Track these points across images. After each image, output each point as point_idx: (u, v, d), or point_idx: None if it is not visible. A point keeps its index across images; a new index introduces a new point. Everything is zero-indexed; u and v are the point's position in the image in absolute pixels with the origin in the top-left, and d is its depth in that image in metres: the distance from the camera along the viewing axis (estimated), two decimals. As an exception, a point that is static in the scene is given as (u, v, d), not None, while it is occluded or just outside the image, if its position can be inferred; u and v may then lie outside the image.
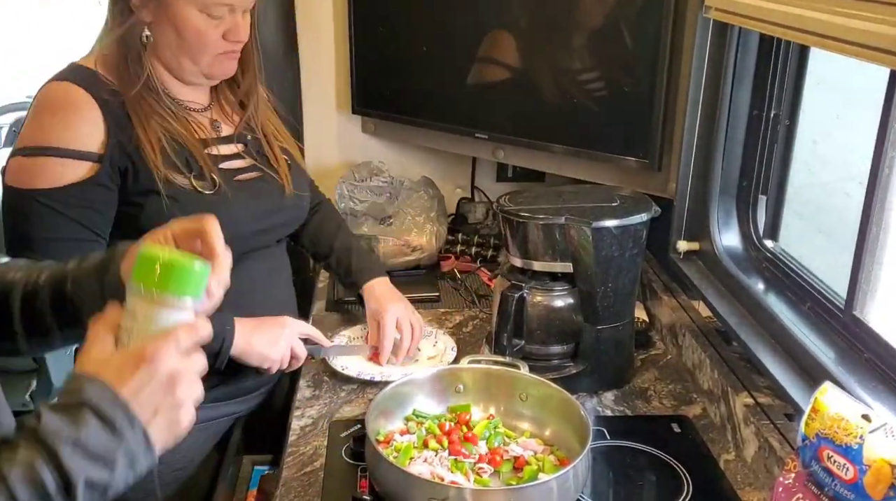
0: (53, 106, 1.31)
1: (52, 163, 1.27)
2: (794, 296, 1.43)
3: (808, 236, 1.48)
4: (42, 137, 1.28)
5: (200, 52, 1.35)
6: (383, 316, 1.56)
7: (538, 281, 1.51)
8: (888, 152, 1.15)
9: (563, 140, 1.87)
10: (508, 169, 2.33)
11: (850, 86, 1.37)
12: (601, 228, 1.42)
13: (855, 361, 1.21)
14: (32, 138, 1.29)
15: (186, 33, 1.32)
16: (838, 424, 0.95)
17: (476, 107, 2.03)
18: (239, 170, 1.45)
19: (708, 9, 1.51)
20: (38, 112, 1.32)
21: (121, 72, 1.34)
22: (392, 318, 1.56)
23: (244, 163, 1.47)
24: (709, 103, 1.60)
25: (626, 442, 1.36)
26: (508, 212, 1.49)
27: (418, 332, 1.59)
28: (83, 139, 1.28)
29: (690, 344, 1.58)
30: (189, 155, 1.37)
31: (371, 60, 2.15)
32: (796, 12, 1.18)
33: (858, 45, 1.02)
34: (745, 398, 1.34)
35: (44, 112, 1.31)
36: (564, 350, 1.54)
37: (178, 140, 1.36)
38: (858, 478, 0.92)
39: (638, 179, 1.77)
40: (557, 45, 1.86)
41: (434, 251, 2.05)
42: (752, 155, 1.58)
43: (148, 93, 1.35)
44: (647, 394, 1.53)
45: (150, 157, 1.31)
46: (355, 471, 1.26)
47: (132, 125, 1.31)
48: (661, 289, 1.79)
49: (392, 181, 2.19)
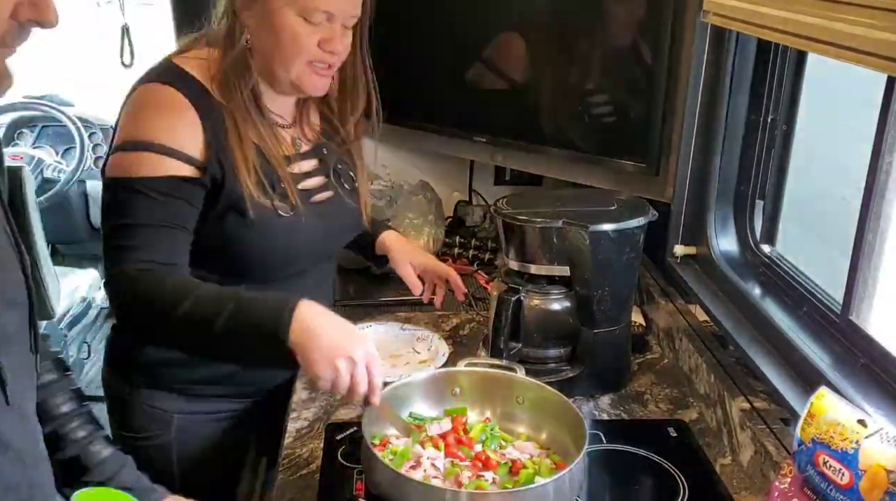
0: (156, 107, 1.29)
1: (154, 157, 1.26)
2: (791, 301, 1.43)
3: (805, 241, 1.48)
4: (144, 134, 1.27)
5: (294, 56, 1.31)
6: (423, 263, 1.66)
7: (535, 285, 1.51)
8: (885, 157, 1.15)
9: (561, 144, 1.87)
10: (506, 172, 2.33)
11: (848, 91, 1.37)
12: (598, 232, 1.42)
13: (851, 366, 1.21)
14: (133, 134, 1.28)
15: (283, 36, 1.29)
16: (834, 429, 0.95)
17: (474, 110, 2.03)
18: (315, 189, 1.44)
19: (706, 14, 1.51)
20: (138, 111, 1.30)
21: (226, 78, 1.31)
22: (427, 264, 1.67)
23: (320, 182, 1.45)
24: (707, 108, 1.61)
25: (623, 446, 1.35)
26: (506, 216, 1.49)
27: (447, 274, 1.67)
28: (185, 142, 1.27)
29: (687, 348, 1.58)
30: (274, 173, 1.34)
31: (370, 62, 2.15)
32: (794, 18, 1.19)
33: (856, 50, 1.02)
34: (742, 402, 1.34)
35: (144, 112, 1.30)
36: (561, 353, 1.54)
37: (265, 156, 1.34)
38: (854, 483, 0.92)
39: (635, 183, 1.77)
40: (556, 49, 1.86)
41: (431, 254, 2.05)
42: (749, 160, 1.59)
43: (248, 103, 1.33)
44: (644, 398, 1.53)
45: (244, 176, 1.29)
46: (351, 474, 1.26)
47: (227, 138, 1.30)
48: (658, 293, 1.79)
49: (391, 185, 2.19)
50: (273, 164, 1.34)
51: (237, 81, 1.31)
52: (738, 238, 1.64)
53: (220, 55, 1.32)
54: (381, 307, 1.90)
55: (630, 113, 1.73)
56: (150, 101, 1.30)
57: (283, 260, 1.40)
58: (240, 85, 1.31)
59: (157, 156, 1.26)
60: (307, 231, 1.38)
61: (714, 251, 1.63)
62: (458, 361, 1.44)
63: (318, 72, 1.33)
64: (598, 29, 1.78)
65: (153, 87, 1.30)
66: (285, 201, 1.34)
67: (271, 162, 1.34)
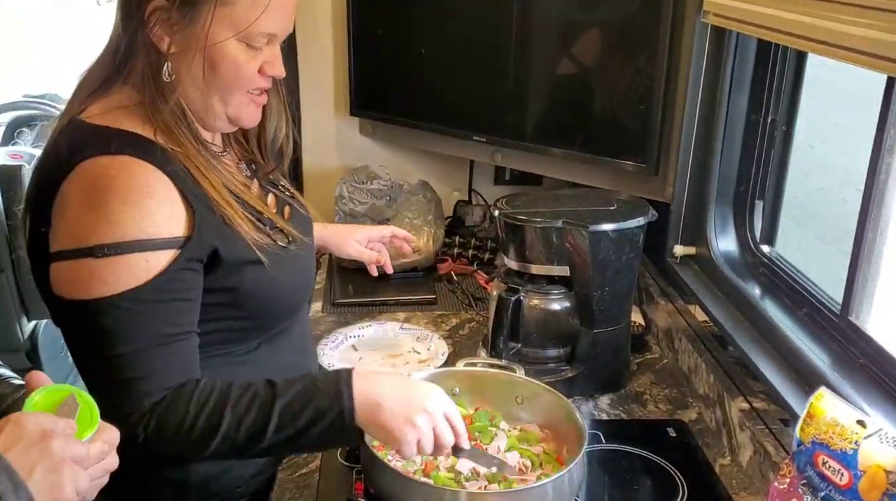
0: (118, 189, 1.02)
1: (137, 259, 1.01)
2: (790, 301, 1.43)
3: (805, 241, 1.48)
4: (116, 232, 1.01)
5: (234, 88, 1.11)
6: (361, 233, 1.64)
7: (535, 285, 1.51)
8: (885, 158, 1.15)
9: (560, 143, 1.87)
10: (506, 172, 2.33)
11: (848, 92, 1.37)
12: (598, 232, 1.43)
13: (850, 366, 1.21)
14: (101, 235, 1.00)
15: (222, 66, 1.08)
16: (833, 429, 0.95)
17: (474, 110, 2.03)
18: (277, 209, 1.25)
19: (706, 14, 1.51)
20: (94, 199, 1.01)
21: (161, 122, 1.08)
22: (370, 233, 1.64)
23: (274, 201, 1.26)
24: (706, 108, 1.61)
25: (622, 446, 1.36)
26: (506, 216, 1.49)
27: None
28: (165, 223, 1.03)
29: (686, 348, 1.58)
30: (253, 209, 1.15)
31: (370, 62, 2.15)
32: (794, 18, 1.19)
33: (856, 51, 1.02)
34: (741, 403, 1.34)
35: (106, 198, 1.01)
36: (560, 353, 1.54)
37: (237, 194, 1.13)
38: (853, 484, 0.92)
39: (635, 183, 1.77)
40: (556, 49, 1.86)
41: (431, 254, 2.05)
42: (749, 160, 1.59)
43: (196, 142, 1.11)
44: (643, 398, 1.53)
45: (238, 223, 1.09)
46: (350, 473, 1.26)
47: (203, 189, 1.08)
48: (658, 294, 1.79)
49: (391, 184, 2.19)
50: (245, 198, 1.15)
51: (177, 118, 1.10)
52: (737, 238, 1.64)
53: (149, 99, 1.08)
54: (381, 307, 1.90)
55: (630, 113, 1.73)
56: (108, 183, 1.02)
57: (303, 296, 1.28)
58: (183, 126, 1.10)
59: (143, 255, 1.01)
60: (308, 254, 1.25)
61: (714, 251, 1.63)
62: (457, 361, 1.44)
63: (255, 100, 1.15)
64: (598, 29, 1.78)
65: (102, 162, 1.03)
66: (279, 232, 1.17)
67: (242, 197, 1.14)
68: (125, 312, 1.01)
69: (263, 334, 1.19)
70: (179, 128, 1.09)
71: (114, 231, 1.01)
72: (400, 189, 2.17)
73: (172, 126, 1.09)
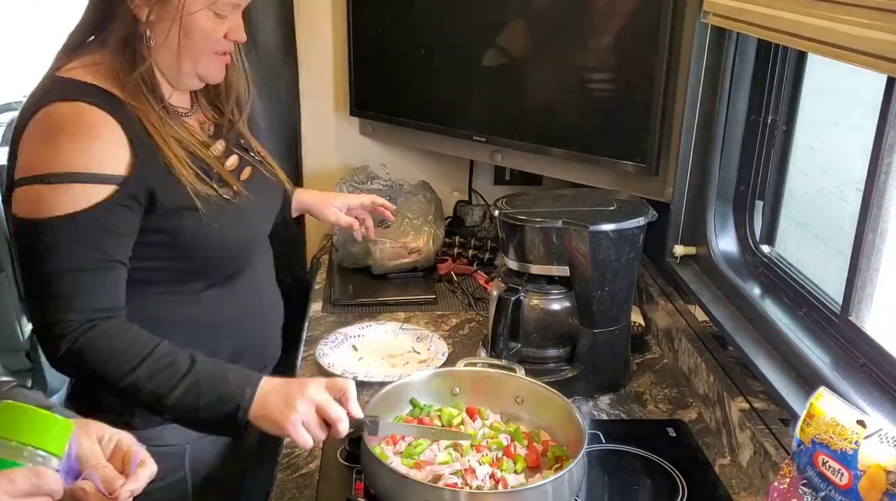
0: (72, 129, 1.18)
1: (79, 189, 1.16)
2: (790, 301, 1.43)
3: (805, 241, 1.48)
4: (63, 163, 1.16)
5: (203, 52, 1.28)
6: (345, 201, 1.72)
7: (535, 285, 1.51)
8: (884, 158, 1.15)
9: (560, 144, 1.87)
10: (506, 172, 2.33)
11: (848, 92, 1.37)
12: (598, 232, 1.43)
13: (850, 366, 1.21)
14: (50, 164, 1.17)
15: (195, 34, 1.24)
16: (833, 429, 0.95)
17: (474, 110, 2.03)
18: (237, 169, 1.39)
19: (706, 14, 1.51)
20: (49, 137, 1.19)
21: (128, 82, 1.23)
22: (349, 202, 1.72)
23: (236, 160, 1.39)
24: (706, 108, 1.61)
25: (622, 446, 1.36)
26: (506, 216, 1.49)
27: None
28: (111, 162, 1.18)
29: (686, 348, 1.58)
30: (202, 163, 1.29)
31: (369, 62, 2.15)
32: (794, 18, 1.19)
33: (856, 51, 1.02)
34: (741, 403, 1.34)
35: (59, 136, 1.18)
36: (560, 353, 1.54)
37: (190, 149, 1.28)
38: (853, 484, 0.92)
39: (635, 183, 1.77)
40: (556, 49, 1.86)
41: (431, 254, 2.05)
42: (749, 160, 1.59)
43: (156, 102, 1.26)
44: (643, 398, 1.53)
45: (180, 172, 1.23)
46: (350, 473, 1.26)
47: (153, 140, 1.23)
48: (658, 294, 1.79)
49: (391, 184, 2.19)
50: (199, 154, 1.29)
51: (142, 81, 1.24)
52: (737, 238, 1.64)
53: (118, 58, 1.23)
54: (381, 307, 1.90)
55: (630, 113, 1.73)
56: (62, 124, 1.19)
57: (243, 247, 1.37)
58: (145, 84, 1.25)
59: (82, 186, 1.16)
60: (254, 210, 1.36)
61: (714, 251, 1.63)
62: (457, 361, 1.44)
63: (220, 59, 1.32)
64: (598, 29, 1.78)
65: (61, 107, 1.19)
66: (225, 186, 1.30)
67: (195, 152, 1.29)
68: (61, 232, 1.16)
69: (209, 278, 1.32)
70: (143, 91, 1.24)
71: (61, 163, 1.16)
72: (400, 189, 2.17)
73: (137, 88, 1.23)
